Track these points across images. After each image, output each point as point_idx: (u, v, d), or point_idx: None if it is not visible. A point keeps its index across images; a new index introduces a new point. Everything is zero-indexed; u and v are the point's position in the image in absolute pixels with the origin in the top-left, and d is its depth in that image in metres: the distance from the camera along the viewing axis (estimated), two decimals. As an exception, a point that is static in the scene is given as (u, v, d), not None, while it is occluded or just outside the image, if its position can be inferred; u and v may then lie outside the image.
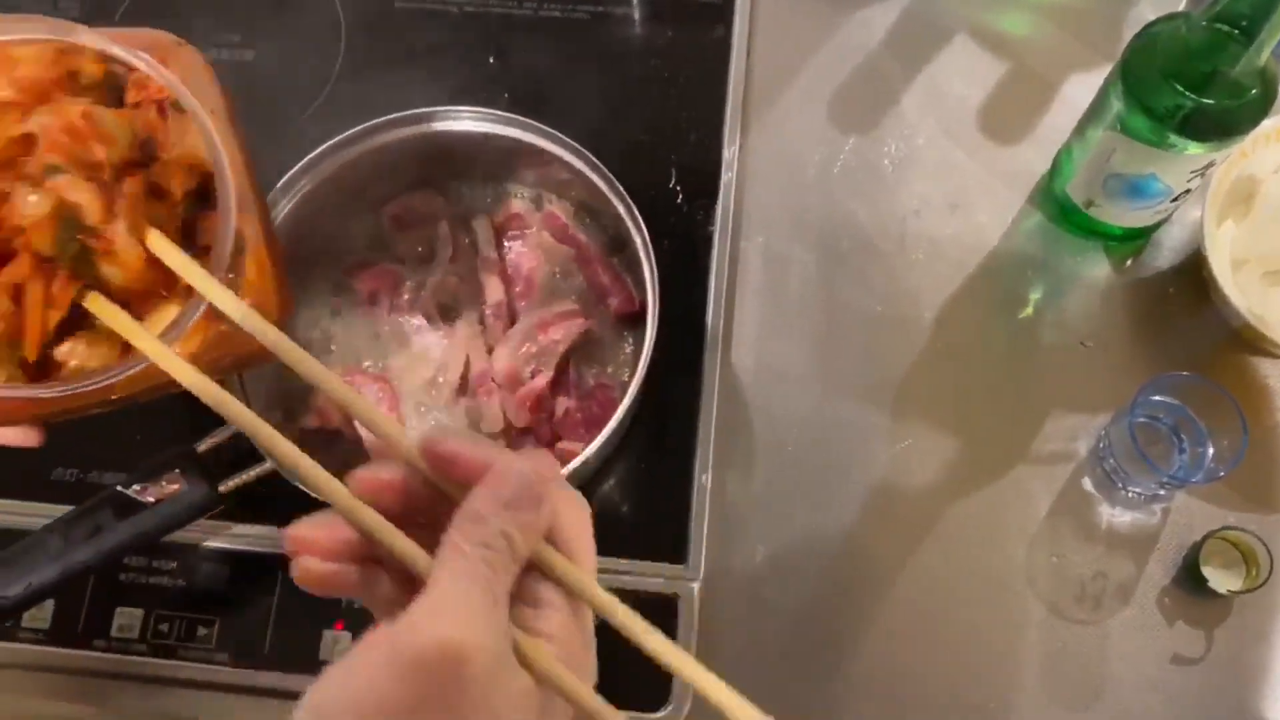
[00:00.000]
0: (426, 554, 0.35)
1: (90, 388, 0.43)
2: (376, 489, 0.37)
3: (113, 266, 0.43)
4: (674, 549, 0.64)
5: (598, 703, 0.35)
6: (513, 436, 0.65)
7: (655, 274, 0.61)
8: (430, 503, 0.37)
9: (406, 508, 0.37)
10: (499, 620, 0.33)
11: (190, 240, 0.46)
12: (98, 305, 0.43)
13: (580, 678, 0.35)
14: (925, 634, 0.63)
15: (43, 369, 0.44)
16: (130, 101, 0.46)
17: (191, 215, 0.46)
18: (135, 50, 0.44)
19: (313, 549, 0.36)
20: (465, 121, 0.65)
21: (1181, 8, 0.75)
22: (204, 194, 0.46)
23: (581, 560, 0.37)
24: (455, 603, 0.32)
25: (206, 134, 0.44)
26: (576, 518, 0.37)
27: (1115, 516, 0.65)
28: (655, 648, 0.36)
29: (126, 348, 0.44)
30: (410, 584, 0.36)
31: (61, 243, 0.42)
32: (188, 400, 0.67)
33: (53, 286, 0.43)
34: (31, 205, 0.42)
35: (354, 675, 0.32)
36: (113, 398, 0.45)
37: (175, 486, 0.58)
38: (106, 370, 0.43)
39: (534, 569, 0.36)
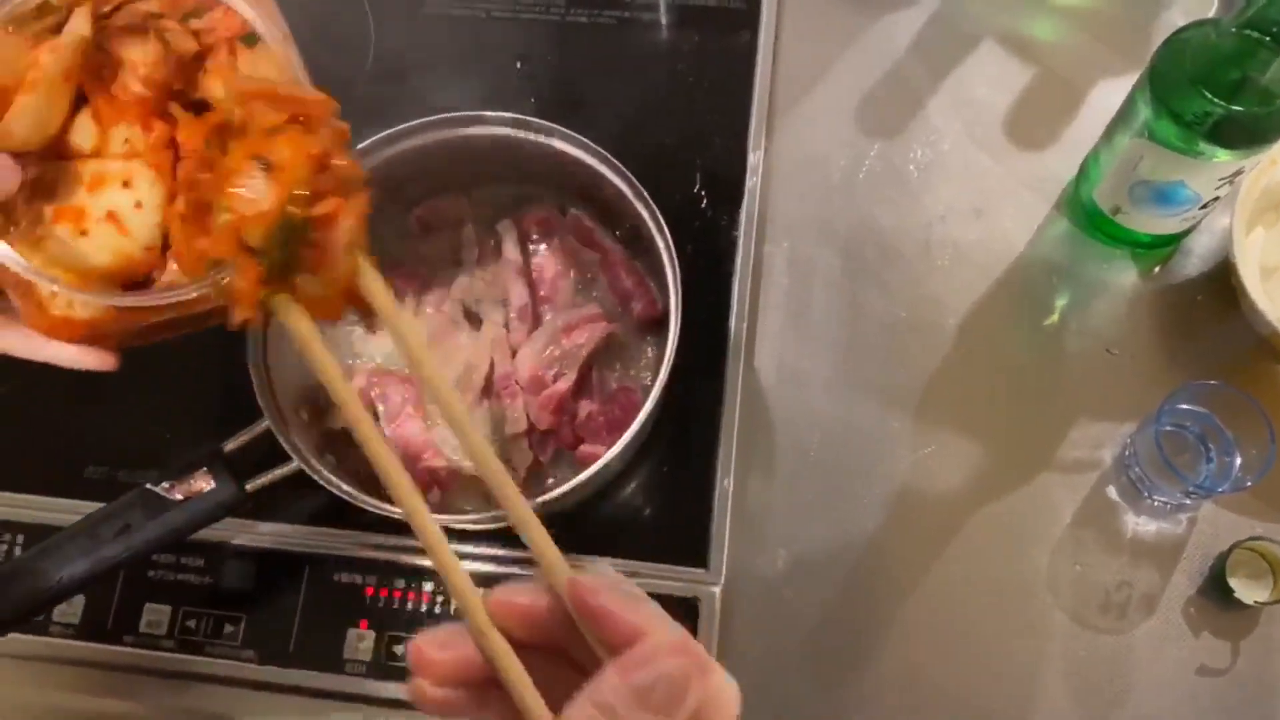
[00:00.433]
0: (547, 710, 0.33)
1: (192, 295, 0.41)
2: (509, 614, 0.35)
3: (313, 280, 0.40)
4: (695, 553, 0.64)
5: None
6: (535, 438, 0.65)
7: (678, 278, 0.62)
8: (561, 630, 0.35)
9: (535, 635, 0.35)
10: None
11: None
12: (283, 306, 0.39)
13: None
14: (947, 641, 0.63)
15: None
16: (204, 44, 0.45)
17: None
18: None
19: (432, 672, 0.34)
20: (492, 126, 0.66)
21: (1212, 14, 0.75)
22: None
23: None
24: None
25: (289, 65, 0.43)
26: (724, 712, 0.33)
27: (1140, 525, 0.64)
28: None
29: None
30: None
31: (275, 244, 0.38)
32: (216, 400, 0.69)
33: (238, 280, 0.39)
34: (261, 190, 0.38)
35: None
36: (207, 309, 0.43)
37: (203, 485, 0.59)
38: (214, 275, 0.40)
39: None
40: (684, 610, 0.62)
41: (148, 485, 0.58)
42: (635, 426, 0.58)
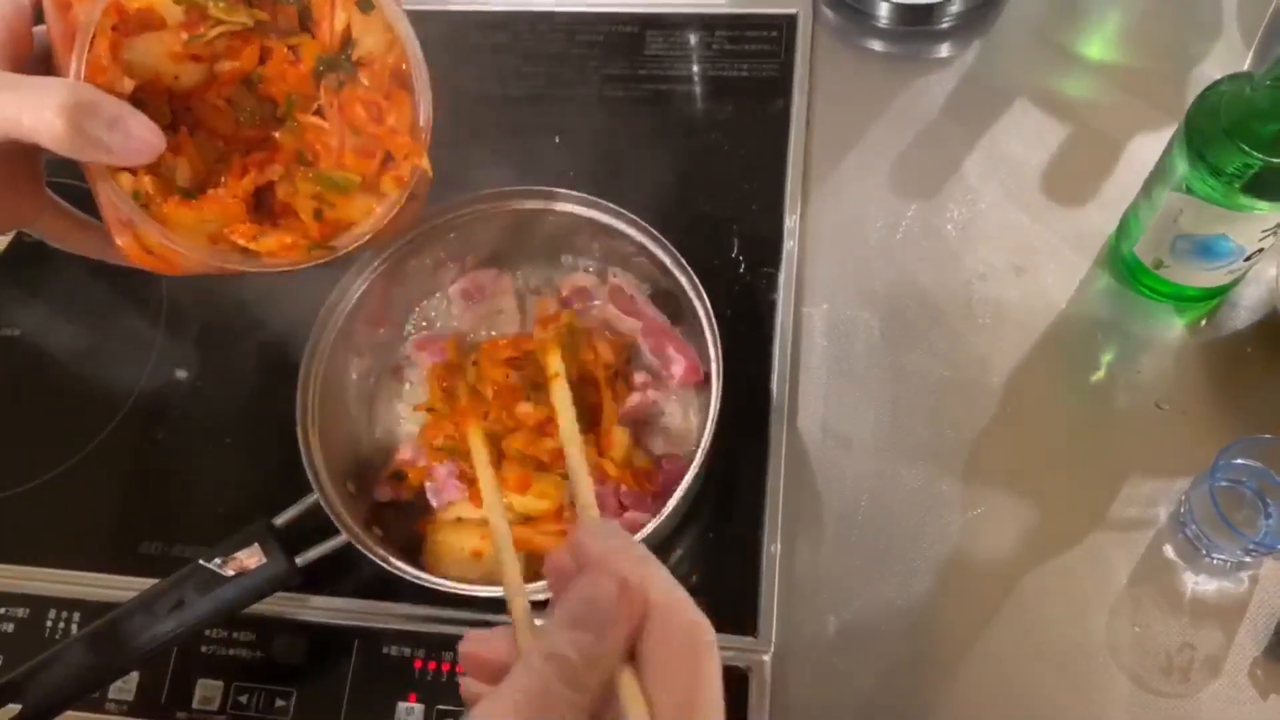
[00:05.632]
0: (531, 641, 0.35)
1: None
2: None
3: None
4: (744, 620, 0.64)
5: None
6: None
7: (719, 343, 0.62)
8: None
9: None
10: None
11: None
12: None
13: None
14: (1003, 708, 0.62)
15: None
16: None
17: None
18: None
19: (481, 670, 0.35)
20: (532, 199, 0.67)
21: (1245, 66, 0.75)
22: None
23: (664, 710, 0.32)
24: None
25: (402, 28, 0.49)
26: (678, 661, 0.33)
27: (1200, 584, 0.63)
28: None
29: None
30: None
31: None
32: (266, 474, 0.70)
33: None
34: None
35: None
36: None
37: (254, 560, 0.59)
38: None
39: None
40: (735, 681, 0.62)
41: (201, 561, 0.59)
42: (680, 492, 0.58)
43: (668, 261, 0.65)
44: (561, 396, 0.49)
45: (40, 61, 0.45)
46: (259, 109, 0.50)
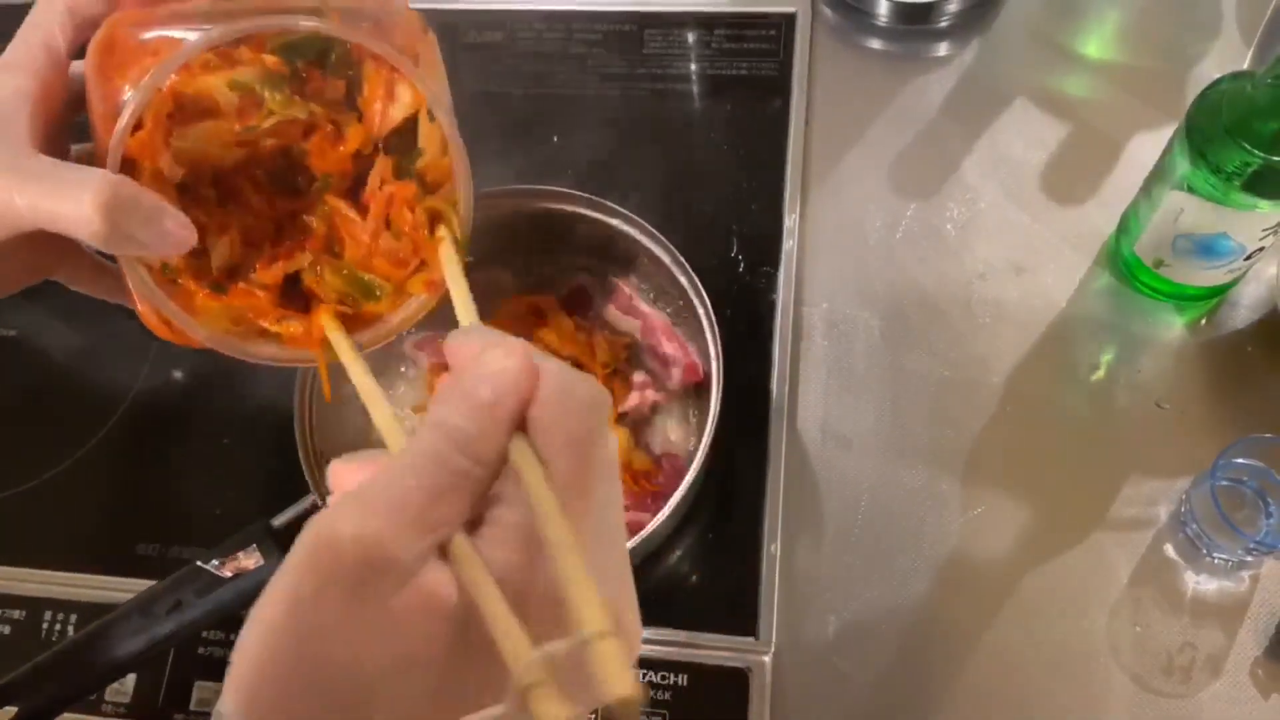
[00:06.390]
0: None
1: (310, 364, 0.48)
2: None
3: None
4: (744, 621, 0.64)
5: (507, 628, 0.29)
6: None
7: (719, 343, 0.62)
8: None
9: None
10: (409, 514, 0.29)
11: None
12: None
13: (518, 600, 0.29)
14: (1005, 708, 0.62)
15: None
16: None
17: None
18: (395, 50, 0.45)
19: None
20: (530, 199, 0.67)
21: (1245, 65, 0.75)
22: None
23: (559, 473, 0.30)
24: (367, 491, 0.30)
25: (451, 135, 0.48)
26: (574, 424, 0.31)
27: (1201, 584, 0.63)
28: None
29: None
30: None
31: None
32: (264, 476, 0.70)
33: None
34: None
35: (286, 564, 0.30)
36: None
37: (252, 561, 0.59)
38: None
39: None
40: (734, 681, 0.62)
41: (198, 563, 0.59)
42: (680, 492, 0.58)
43: (668, 261, 0.65)
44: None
45: (74, 108, 0.44)
46: (292, 177, 0.48)
